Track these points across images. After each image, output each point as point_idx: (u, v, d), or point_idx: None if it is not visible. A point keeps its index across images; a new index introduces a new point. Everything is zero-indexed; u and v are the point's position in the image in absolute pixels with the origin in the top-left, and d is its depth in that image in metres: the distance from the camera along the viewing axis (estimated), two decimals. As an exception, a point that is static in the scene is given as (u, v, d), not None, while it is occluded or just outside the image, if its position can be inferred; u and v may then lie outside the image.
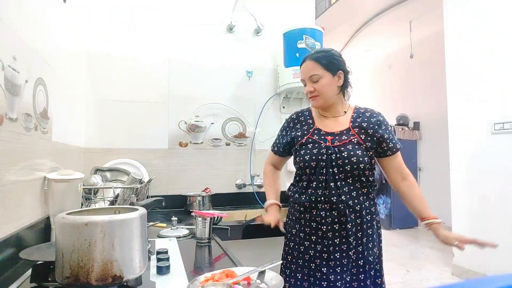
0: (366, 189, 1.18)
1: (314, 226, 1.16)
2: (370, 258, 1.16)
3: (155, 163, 1.97)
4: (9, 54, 0.87)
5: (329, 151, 1.15)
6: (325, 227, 1.14)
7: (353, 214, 1.13)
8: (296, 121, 1.31)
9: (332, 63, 1.21)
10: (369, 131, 1.19)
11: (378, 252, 1.21)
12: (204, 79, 2.09)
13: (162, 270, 0.80)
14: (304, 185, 1.19)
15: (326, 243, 1.13)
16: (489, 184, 3.02)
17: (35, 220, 1.05)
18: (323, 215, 1.14)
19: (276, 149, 1.35)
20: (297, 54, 1.89)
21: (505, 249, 2.82)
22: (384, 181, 5.63)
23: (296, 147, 1.24)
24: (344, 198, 1.12)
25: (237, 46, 2.17)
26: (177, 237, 1.21)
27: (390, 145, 1.22)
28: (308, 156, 1.17)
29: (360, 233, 1.15)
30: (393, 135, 1.24)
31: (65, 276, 0.58)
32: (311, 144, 1.19)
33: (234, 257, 0.99)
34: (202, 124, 2.03)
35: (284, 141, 1.30)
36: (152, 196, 1.72)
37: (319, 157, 1.15)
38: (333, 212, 1.13)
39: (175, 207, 1.90)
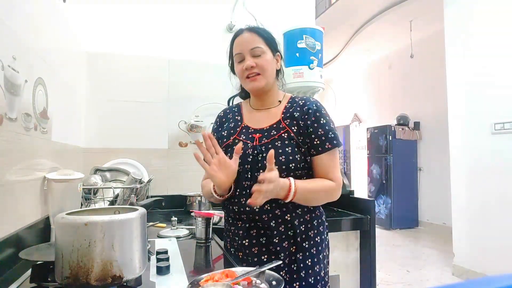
0: None
1: (238, 241, 0.99)
2: (310, 280, 0.96)
3: (155, 163, 1.97)
4: (9, 54, 0.86)
5: (255, 152, 0.96)
6: (247, 241, 0.97)
7: (282, 226, 0.95)
8: (224, 119, 1.12)
9: (272, 40, 1.03)
10: (300, 122, 0.97)
11: (321, 270, 0.99)
12: (204, 79, 2.09)
13: (162, 270, 0.80)
14: (232, 194, 1.00)
15: (251, 260, 0.96)
16: (489, 184, 3.02)
17: (35, 220, 1.05)
18: (247, 227, 0.97)
19: None
20: (297, 54, 1.89)
21: (505, 249, 2.82)
22: (384, 181, 5.63)
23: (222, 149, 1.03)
24: (268, 207, 0.93)
25: (237, 46, 2.17)
26: (177, 237, 1.21)
27: (322, 139, 0.96)
28: None
29: (294, 247, 0.96)
30: (330, 128, 0.98)
31: (65, 276, 0.58)
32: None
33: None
34: (202, 124, 2.03)
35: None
36: (152, 196, 1.72)
37: (245, 159, 0.96)
38: (258, 224, 0.95)
39: (175, 207, 1.90)
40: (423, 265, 3.74)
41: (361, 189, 6.43)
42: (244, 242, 0.98)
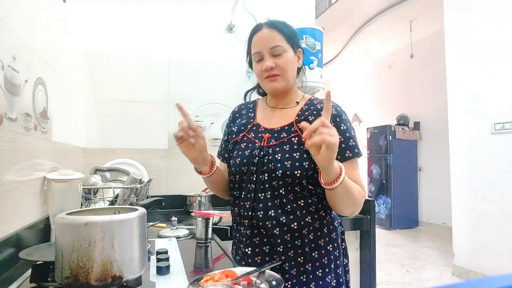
0: (303, 201, 0.88)
1: (242, 249, 0.94)
2: None
3: (155, 163, 1.97)
4: (9, 54, 0.86)
5: (262, 153, 0.90)
6: (250, 249, 0.91)
7: (287, 234, 0.87)
8: (237, 114, 1.07)
9: (294, 35, 0.96)
10: None
11: (334, 281, 0.92)
12: (204, 79, 2.09)
13: (162, 270, 0.80)
14: (236, 195, 0.96)
15: None
16: (489, 184, 3.02)
17: (35, 220, 1.05)
18: (249, 234, 0.91)
19: (219, 150, 1.09)
20: (297, 54, 1.90)
21: (505, 249, 2.82)
22: (384, 181, 5.63)
23: (229, 146, 1.01)
24: (272, 213, 0.87)
25: (237, 46, 2.17)
26: (177, 237, 1.21)
27: (341, 147, 0.87)
28: (239, 159, 0.93)
29: (301, 257, 0.88)
30: (351, 135, 0.90)
31: (65, 276, 0.58)
32: (244, 144, 0.96)
33: (234, 257, 0.99)
34: (202, 124, 2.03)
35: (226, 138, 1.05)
36: (152, 196, 1.71)
37: (251, 160, 0.91)
38: (261, 231, 0.89)
39: (175, 207, 1.90)
40: (423, 265, 3.74)
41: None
42: (246, 250, 0.92)
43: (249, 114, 1.04)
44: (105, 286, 0.58)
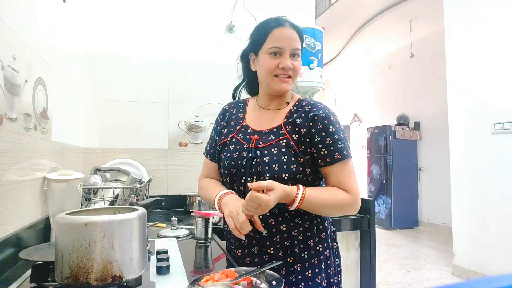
0: None
1: (234, 250, 0.96)
2: None
3: (155, 163, 1.97)
4: (9, 54, 0.86)
5: (250, 155, 0.90)
6: (240, 251, 0.93)
7: (276, 236, 0.89)
8: (227, 113, 1.05)
9: (302, 43, 0.96)
10: (302, 130, 0.89)
11: (325, 281, 0.92)
12: (204, 79, 2.09)
13: (162, 270, 0.80)
14: None
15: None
16: (489, 184, 3.02)
17: (35, 220, 1.05)
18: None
19: (208, 148, 1.06)
20: (297, 54, 1.90)
21: (505, 249, 2.82)
22: (384, 181, 5.63)
23: (218, 147, 0.99)
24: (261, 216, 0.86)
25: (237, 46, 2.17)
26: (177, 237, 1.21)
27: (330, 149, 0.87)
28: (228, 161, 0.93)
29: (291, 258, 0.89)
30: (339, 137, 0.88)
31: (65, 276, 0.58)
32: (233, 146, 0.95)
33: (234, 257, 0.99)
34: (202, 124, 2.03)
35: (216, 138, 1.03)
36: (152, 196, 1.71)
37: (239, 162, 0.91)
38: (250, 233, 0.87)
39: (175, 207, 1.90)
40: (423, 265, 3.74)
41: (361, 189, 6.39)
42: (237, 252, 0.94)
43: (239, 114, 1.03)
44: (105, 286, 0.58)
